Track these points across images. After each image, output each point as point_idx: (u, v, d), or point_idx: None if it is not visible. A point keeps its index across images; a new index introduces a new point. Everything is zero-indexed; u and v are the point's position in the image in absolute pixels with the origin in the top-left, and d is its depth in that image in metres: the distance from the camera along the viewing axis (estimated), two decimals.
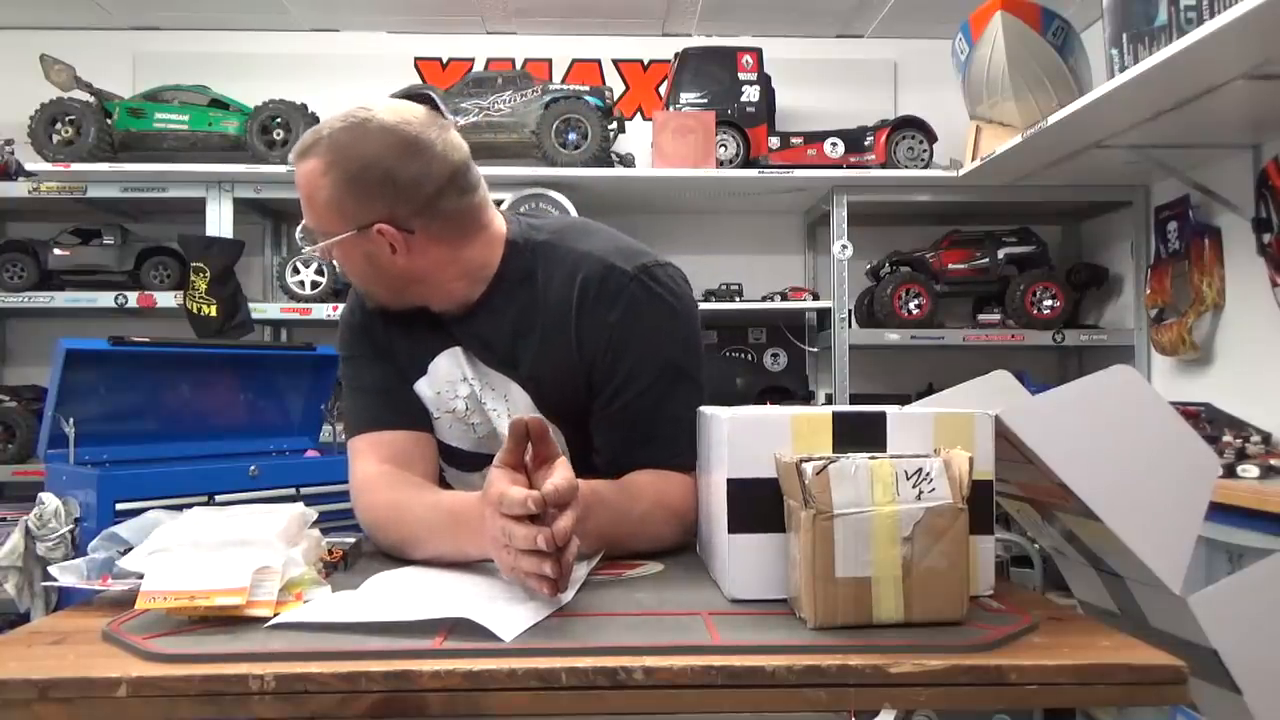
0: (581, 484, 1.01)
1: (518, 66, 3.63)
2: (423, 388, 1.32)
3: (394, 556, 1.19)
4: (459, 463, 1.37)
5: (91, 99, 3.14)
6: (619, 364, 1.23)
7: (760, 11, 3.50)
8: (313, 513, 1.08)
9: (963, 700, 0.77)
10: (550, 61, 3.69)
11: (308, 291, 3.14)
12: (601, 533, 1.12)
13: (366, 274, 1.25)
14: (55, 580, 1.02)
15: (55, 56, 3.10)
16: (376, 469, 1.27)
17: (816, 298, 3.40)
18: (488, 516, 0.96)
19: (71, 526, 1.67)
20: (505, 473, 0.96)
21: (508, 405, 1.30)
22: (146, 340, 2.01)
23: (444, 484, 1.37)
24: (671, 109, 3.28)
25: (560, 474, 0.93)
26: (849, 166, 3.25)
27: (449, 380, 1.31)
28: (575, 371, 1.25)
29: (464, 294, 1.28)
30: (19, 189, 3.10)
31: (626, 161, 3.37)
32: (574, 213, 3.04)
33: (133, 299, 3.10)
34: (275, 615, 0.89)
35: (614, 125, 3.30)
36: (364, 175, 1.16)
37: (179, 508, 1.09)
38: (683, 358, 1.24)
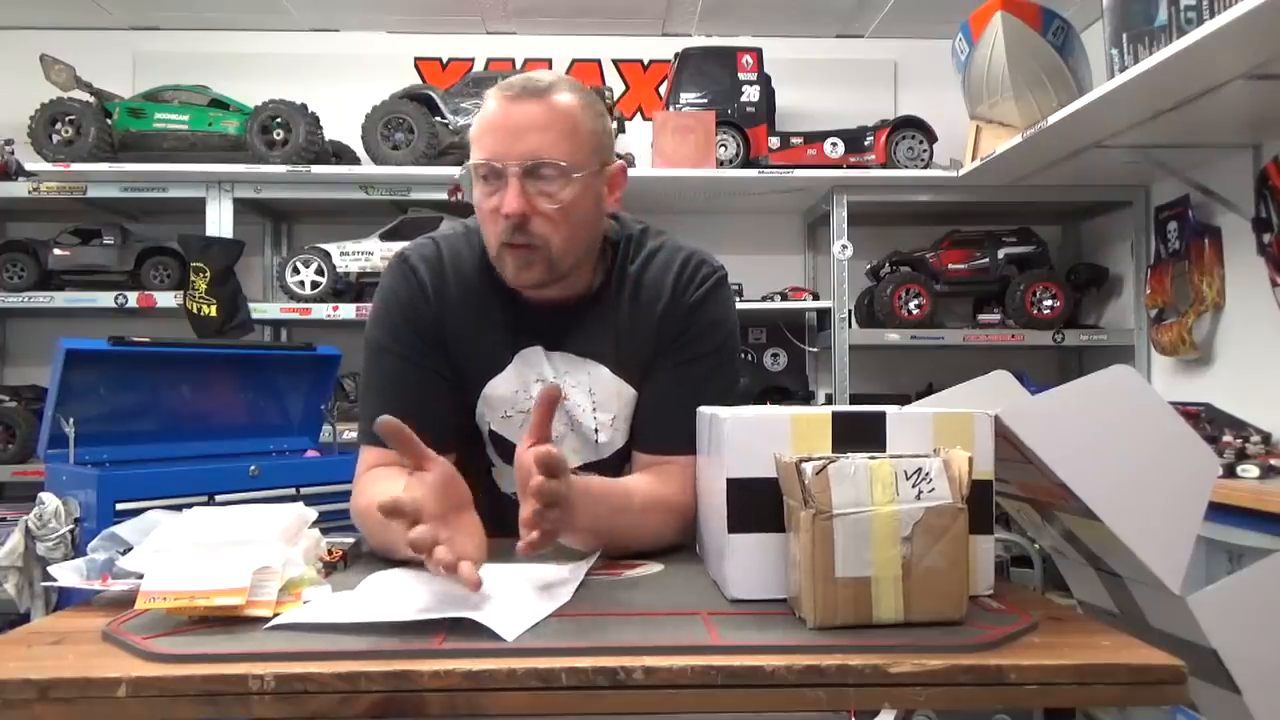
0: (573, 479, 1.00)
1: (518, 66, 3.63)
2: (498, 386, 1.31)
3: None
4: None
5: (91, 99, 3.13)
6: (690, 327, 1.32)
7: (760, 11, 3.49)
8: (312, 513, 1.08)
9: (963, 700, 0.77)
10: (550, 61, 3.69)
11: (308, 291, 3.11)
12: (597, 526, 1.11)
13: (584, 222, 1.26)
14: (55, 580, 1.03)
15: (55, 56, 3.09)
16: (372, 472, 1.26)
17: (816, 298, 3.40)
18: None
19: (71, 526, 1.67)
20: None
21: (592, 397, 1.31)
22: (146, 340, 2.01)
23: (491, 482, 1.36)
24: (671, 109, 3.28)
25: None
26: (849, 166, 3.25)
27: (523, 380, 1.31)
28: (653, 348, 1.32)
29: (587, 280, 1.33)
30: (19, 189, 3.11)
31: (626, 161, 3.36)
32: None
33: (133, 299, 3.10)
34: (275, 615, 0.89)
35: (614, 125, 3.29)
36: (605, 117, 1.30)
37: (179, 508, 1.08)
38: (734, 346, 1.37)
